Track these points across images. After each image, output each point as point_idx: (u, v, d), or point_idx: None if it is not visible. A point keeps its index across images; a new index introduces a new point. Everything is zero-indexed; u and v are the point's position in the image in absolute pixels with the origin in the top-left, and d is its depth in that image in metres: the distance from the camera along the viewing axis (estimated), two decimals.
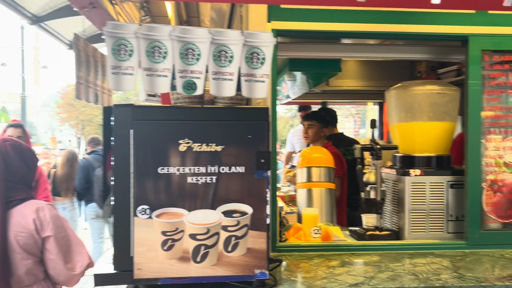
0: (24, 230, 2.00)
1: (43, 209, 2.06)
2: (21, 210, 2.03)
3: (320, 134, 3.83)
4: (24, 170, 2.09)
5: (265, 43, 1.87)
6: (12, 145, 2.09)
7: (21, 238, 2.00)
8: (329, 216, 2.96)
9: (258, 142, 1.94)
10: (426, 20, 2.61)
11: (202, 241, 1.90)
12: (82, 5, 2.02)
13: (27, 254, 2.01)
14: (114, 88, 1.78)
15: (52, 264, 2.05)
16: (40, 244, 2.04)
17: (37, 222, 2.02)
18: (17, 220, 2.01)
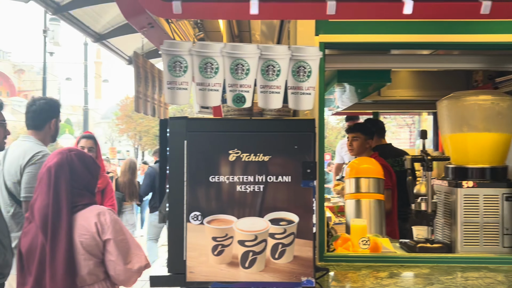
0: (87, 233, 2.16)
1: (104, 213, 2.22)
2: (84, 214, 2.19)
3: (365, 146, 3.81)
4: (88, 177, 2.27)
5: (312, 57, 1.94)
6: (77, 155, 2.27)
7: (84, 240, 2.16)
8: (378, 227, 2.95)
9: (305, 152, 1.99)
10: (480, 29, 2.56)
11: (250, 248, 1.98)
12: (142, 25, 2.19)
13: (90, 255, 2.17)
14: (170, 102, 1.91)
15: (112, 265, 2.20)
16: (101, 246, 2.19)
17: (98, 226, 2.17)
18: (81, 224, 2.17)
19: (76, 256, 2.14)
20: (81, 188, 2.23)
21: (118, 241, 2.19)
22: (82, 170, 2.25)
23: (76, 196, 2.20)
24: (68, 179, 2.19)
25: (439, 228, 2.91)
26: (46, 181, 2.17)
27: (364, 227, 2.66)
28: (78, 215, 2.18)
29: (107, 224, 2.19)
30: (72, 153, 2.26)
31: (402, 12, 1.88)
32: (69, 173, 2.20)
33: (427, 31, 2.58)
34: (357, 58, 3.06)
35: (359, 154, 3.79)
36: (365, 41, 2.60)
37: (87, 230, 2.16)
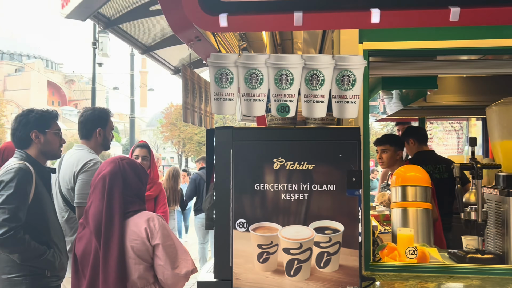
0: (138, 238, 2.26)
1: (153, 219, 2.31)
2: (135, 220, 2.29)
3: (395, 158, 3.73)
4: (139, 185, 2.37)
5: (356, 65, 1.95)
6: (128, 163, 2.38)
7: (135, 245, 2.25)
8: (425, 237, 2.88)
9: (350, 161, 2.00)
10: None
11: (295, 256, 2.00)
12: (189, 38, 2.27)
13: (140, 260, 2.26)
14: (216, 113, 1.97)
15: (161, 269, 2.28)
16: (150, 251, 2.28)
17: (148, 231, 2.26)
18: (132, 229, 2.27)
19: (127, 261, 2.23)
20: (132, 196, 2.33)
21: (167, 246, 2.27)
22: (134, 178, 2.35)
23: (128, 203, 2.30)
24: (121, 186, 2.29)
25: (490, 238, 2.81)
26: (101, 188, 2.28)
27: (411, 237, 2.61)
28: (129, 221, 2.27)
29: (156, 230, 2.27)
30: (124, 162, 2.36)
31: (448, 20, 1.85)
32: (122, 181, 2.30)
33: (475, 36, 2.52)
34: (402, 64, 3.01)
35: (390, 166, 3.72)
36: (410, 48, 2.57)
37: (137, 236, 2.25)
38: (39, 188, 2.72)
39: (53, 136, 2.88)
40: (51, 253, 2.67)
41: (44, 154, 2.87)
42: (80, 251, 2.27)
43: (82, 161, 3.14)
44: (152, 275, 2.31)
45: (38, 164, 2.80)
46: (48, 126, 2.87)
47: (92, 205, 2.29)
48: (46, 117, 2.88)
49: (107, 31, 4.46)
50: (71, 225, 3.17)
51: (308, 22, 1.90)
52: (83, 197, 3.04)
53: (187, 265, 2.30)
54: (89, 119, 3.31)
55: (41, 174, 2.79)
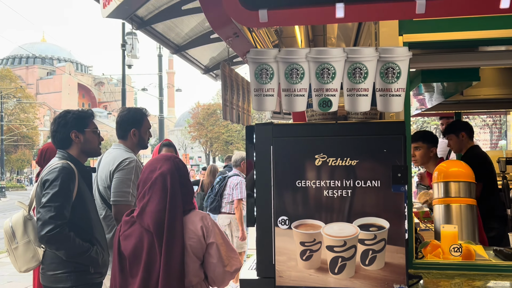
0: (195, 236, 2.25)
1: (206, 217, 2.31)
2: (191, 218, 2.28)
3: (429, 155, 3.61)
4: (190, 183, 2.38)
5: (401, 57, 1.89)
6: (180, 162, 2.38)
7: (192, 243, 2.24)
8: (470, 234, 2.79)
9: (394, 156, 1.94)
10: None
11: (339, 253, 1.96)
12: (228, 35, 2.26)
13: (196, 258, 2.26)
14: (257, 109, 1.95)
15: (212, 267, 2.27)
16: (204, 249, 2.27)
17: (204, 229, 2.26)
18: (190, 228, 2.25)
19: (186, 259, 2.22)
20: (187, 194, 2.33)
21: (219, 244, 2.27)
22: (186, 177, 2.35)
23: (184, 201, 2.30)
24: (179, 185, 2.28)
25: None
26: (161, 186, 2.23)
27: (455, 233, 2.53)
28: (186, 219, 2.27)
29: (210, 228, 2.27)
30: (177, 160, 2.36)
31: (498, 7, 1.78)
32: (178, 179, 2.29)
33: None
34: (443, 56, 2.92)
35: (424, 163, 3.61)
36: (451, 39, 2.49)
37: (195, 234, 2.25)
38: (81, 186, 2.77)
39: (92, 135, 2.94)
40: (95, 250, 2.71)
41: (85, 152, 2.93)
42: (129, 250, 2.23)
43: (118, 160, 3.18)
44: (203, 272, 2.31)
45: (79, 163, 2.86)
46: (86, 125, 2.92)
47: (150, 203, 2.22)
48: (83, 116, 2.94)
49: (136, 32, 4.51)
50: (108, 223, 3.21)
51: (350, 14, 1.85)
52: (119, 195, 3.08)
53: (236, 263, 2.30)
54: (124, 120, 3.35)
55: (83, 173, 2.85)
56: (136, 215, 2.24)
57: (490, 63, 3.23)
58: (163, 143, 4.23)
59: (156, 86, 25.07)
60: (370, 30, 2.76)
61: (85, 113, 2.97)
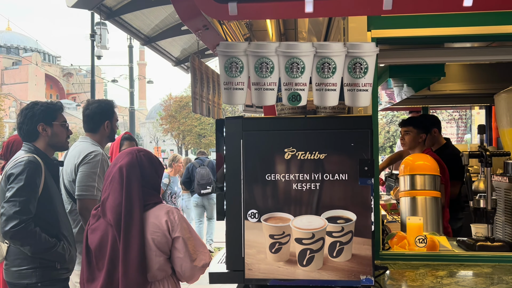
0: (158, 230, 2.23)
1: (172, 212, 2.28)
2: (155, 212, 2.26)
3: (418, 140, 3.72)
4: (155, 177, 2.34)
5: (368, 53, 1.92)
6: (145, 155, 2.35)
7: (156, 237, 2.22)
8: (435, 225, 2.88)
9: (361, 150, 1.98)
10: None
11: (308, 246, 1.98)
12: (197, 28, 2.24)
13: (160, 252, 2.24)
14: (226, 102, 1.94)
15: (179, 262, 2.26)
16: (170, 243, 2.26)
17: (169, 224, 2.24)
18: (153, 221, 2.24)
19: (148, 253, 2.21)
20: (150, 188, 2.31)
21: (186, 238, 2.26)
22: (151, 170, 2.32)
23: (146, 195, 2.28)
24: (139, 178, 2.26)
25: (500, 226, 2.81)
26: (118, 180, 2.23)
27: (420, 225, 2.61)
28: (149, 213, 2.25)
29: (176, 222, 2.25)
30: (141, 154, 2.34)
31: (462, 5, 1.83)
32: (140, 173, 2.27)
33: (483, 23, 2.49)
34: (410, 52, 2.99)
35: (412, 148, 3.72)
36: (418, 35, 2.55)
37: (158, 228, 2.23)
38: (48, 180, 2.71)
39: (60, 128, 2.87)
40: (61, 246, 2.66)
41: (52, 146, 2.86)
42: (95, 243, 2.24)
43: (83, 153, 3.12)
44: (170, 267, 2.30)
45: (46, 157, 2.79)
46: (54, 118, 2.85)
47: (110, 197, 2.24)
48: (51, 109, 2.86)
49: (106, 23, 4.42)
50: (74, 217, 3.15)
51: (319, 9, 1.87)
52: (83, 189, 3.03)
53: (204, 258, 2.29)
54: (96, 112, 3.29)
55: (50, 167, 2.78)
56: (100, 210, 2.24)
57: (455, 59, 3.33)
58: (123, 136, 4.17)
59: (127, 78, 24.67)
60: (339, 26, 2.79)
61: (53, 106, 2.89)
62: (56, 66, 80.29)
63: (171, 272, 2.30)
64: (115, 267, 2.16)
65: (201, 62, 2.67)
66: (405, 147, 3.83)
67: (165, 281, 2.28)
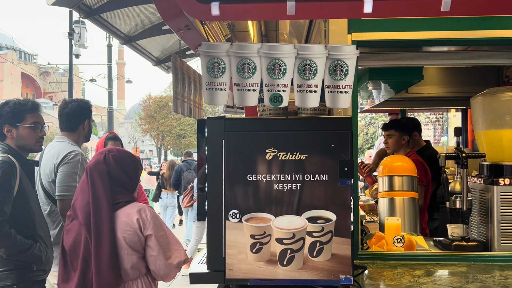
0: (130, 229, 2.22)
1: (144, 210, 2.27)
2: (126, 211, 2.25)
3: (401, 143, 3.78)
4: (123, 177, 2.32)
5: (349, 55, 1.95)
6: (114, 155, 2.33)
7: (127, 236, 2.22)
8: (412, 225, 2.93)
9: (341, 151, 2.00)
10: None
11: (288, 245, 2.00)
12: (179, 28, 2.23)
13: (133, 251, 2.23)
14: (208, 103, 1.95)
15: (153, 260, 2.26)
16: (143, 242, 2.25)
17: (140, 222, 2.23)
18: (124, 220, 2.23)
19: (120, 251, 2.20)
20: (119, 186, 2.30)
21: (159, 236, 2.25)
22: (117, 170, 2.30)
23: (116, 193, 2.27)
24: (105, 178, 2.25)
25: (474, 226, 2.88)
26: (85, 180, 2.25)
27: (398, 225, 2.65)
28: (120, 212, 2.24)
29: (148, 220, 2.24)
30: (110, 154, 2.32)
31: (440, 10, 1.87)
32: (107, 173, 2.26)
33: (460, 27, 2.56)
34: (389, 55, 3.05)
35: (396, 151, 3.77)
36: (397, 39, 2.60)
37: (130, 226, 2.22)
38: (23, 181, 2.66)
39: (26, 130, 2.77)
40: (38, 247, 2.61)
41: (20, 148, 2.78)
42: (69, 244, 2.22)
43: (62, 153, 3.07)
44: (144, 266, 2.29)
45: (21, 157, 2.73)
46: (21, 119, 2.75)
47: (79, 198, 2.26)
48: (18, 110, 2.75)
49: (84, 21, 4.36)
50: (53, 218, 3.10)
51: (301, 11, 1.89)
52: (64, 189, 2.98)
53: (179, 255, 2.28)
54: (76, 111, 3.23)
55: (24, 167, 2.72)
56: (71, 211, 2.24)
57: (432, 62, 3.40)
58: (108, 136, 4.12)
59: (105, 77, 24.34)
60: (320, 28, 2.82)
61: (22, 106, 2.78)
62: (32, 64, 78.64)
63: (145, 271, 2.30)
64: (89, 267, 2.15)
65: (183, 62, 2.66)
66: (389, 150, 3.88)
67: (139, 280, 2.27)
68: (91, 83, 30.11)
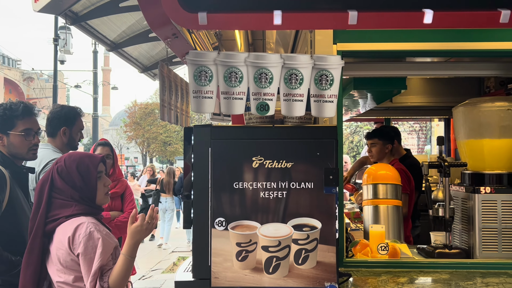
0: (62, 247, 2.03)
1: (81, 227, 2.04)
2: (64, 227, 2.06)
3: (384, 151, 3.83)
4: (69, 190, 2.11)
5: (334, 65, 1.98)
6: (60, 167, 2.14)
7: (61, 255, 2.03)
8: (396, 233, 2.96)
9: (327, 159, 2.03)
10: (495, 37, 2.59)
11: (274, 253, 2.01)
12: (166, 36, 2.24)
13: (69, 270, 2.03)
14: (195, 111, 1.96)
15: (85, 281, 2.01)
16: (77, 261, 2.03)
17: (70, 240, 2.02)
18: (58, 237, 2.05)
19: (50, 267, 2.06)
20: (66, 199, 2.11)
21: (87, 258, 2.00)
22: (62, 182, 2.12)
23: (59, 207, 2.10)
24: (43, 191, 2.10)
25: (457, 234, 2.93)
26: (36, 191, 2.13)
27: (382, 233, 2.68)
28: (59, 228, 2.07)
29: (78, 239, 2.01)
30: (57, 165, 2.15)
31: (422, 22, 1.92)
32: (48, 185, 2.10)
33: (442, 39, 2.62)
34: (373, 65, 3.10)
35: (379, 159, 3.81)
36: (381, 49, 2.65)
37: (62, 244, 2.04)
38: (14, 194, 2.49)
39: (18, 138, 2.58)
40: None
41: (12, 156, 2.60)
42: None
43: (44, 161, 3.02)
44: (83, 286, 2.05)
45: (13, 165, 2.57)
46: (11, 126, 2.57)
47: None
48: (8, 116, 2.56)
49: (70, 27, 4.34)
50: None
51: (287, 22, 1.91)
52: None
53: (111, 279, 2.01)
54: (55, 117, 3.18)
55: (18, 176, 2.57)
56: None
57: (416, 73, 3.47)
58: (98, 142, 4.08)
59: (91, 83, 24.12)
60: (306, 38, 2.86)
61: (13, 111, 2.57)
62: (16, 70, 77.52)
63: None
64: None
65: (170, 70, 2.67)
66: (373, 159, 3.92)
67: None
68: (76, 89, 29.79)
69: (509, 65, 3.17)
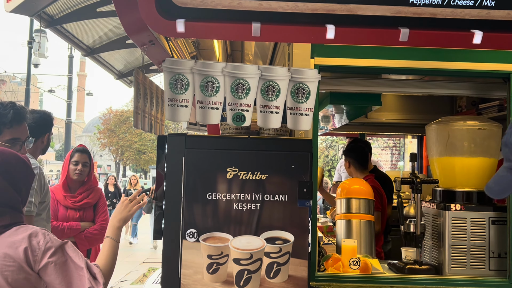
0: (12, 263, 1.64)
1: (36, 234, 1.70)
2: (10, 239, 1.67)
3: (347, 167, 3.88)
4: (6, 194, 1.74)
5: (311, 79, 1.99)
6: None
7: (9, 274, 1.63)
8: (368, 248, 2.97)
9: (301, 172, 2.03)
10: (468, 57, 2.66)
11: (246, 266, 1.98)
12: (143, 42, 2.21)
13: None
14: (170, 119, 1.93)
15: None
16: (34, 281, 1.67)
17: (29, 251, 1.65)
18: (4, 252, 1.64)
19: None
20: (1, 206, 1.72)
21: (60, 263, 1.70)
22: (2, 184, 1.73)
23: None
24: None
25: (427, 250, 2.96)
26: None
27: (354, 248, 2.68)
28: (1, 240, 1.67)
29: (40, 249, 1.68)
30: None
31: (398, 40, 1.95)
32: None
33: (417, 58, 2.67)
34: (350, 81, 3.13)
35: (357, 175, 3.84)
36: (358, 65, 2.68)
37: (13, 260, 1.64)
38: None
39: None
40: None
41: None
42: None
43: None
44: None
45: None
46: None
47: None
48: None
49: (46, 30, 4.26)
50: None
51: (265, 34, 1.91)
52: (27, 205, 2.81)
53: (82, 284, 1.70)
54: (39, 123, 3.08)
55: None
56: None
57: (391, 89, 3.52)
58: (76, 148, 3.97)
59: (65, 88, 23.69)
60: (284, 51, 2.87)
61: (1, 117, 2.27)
62: None
63: None
64: None
65: (145, 77, 2.63)
66: (351, 175, 3.95)
67: None
68: (49, 94, 29.20)
69: (481, 86, 3.26)
